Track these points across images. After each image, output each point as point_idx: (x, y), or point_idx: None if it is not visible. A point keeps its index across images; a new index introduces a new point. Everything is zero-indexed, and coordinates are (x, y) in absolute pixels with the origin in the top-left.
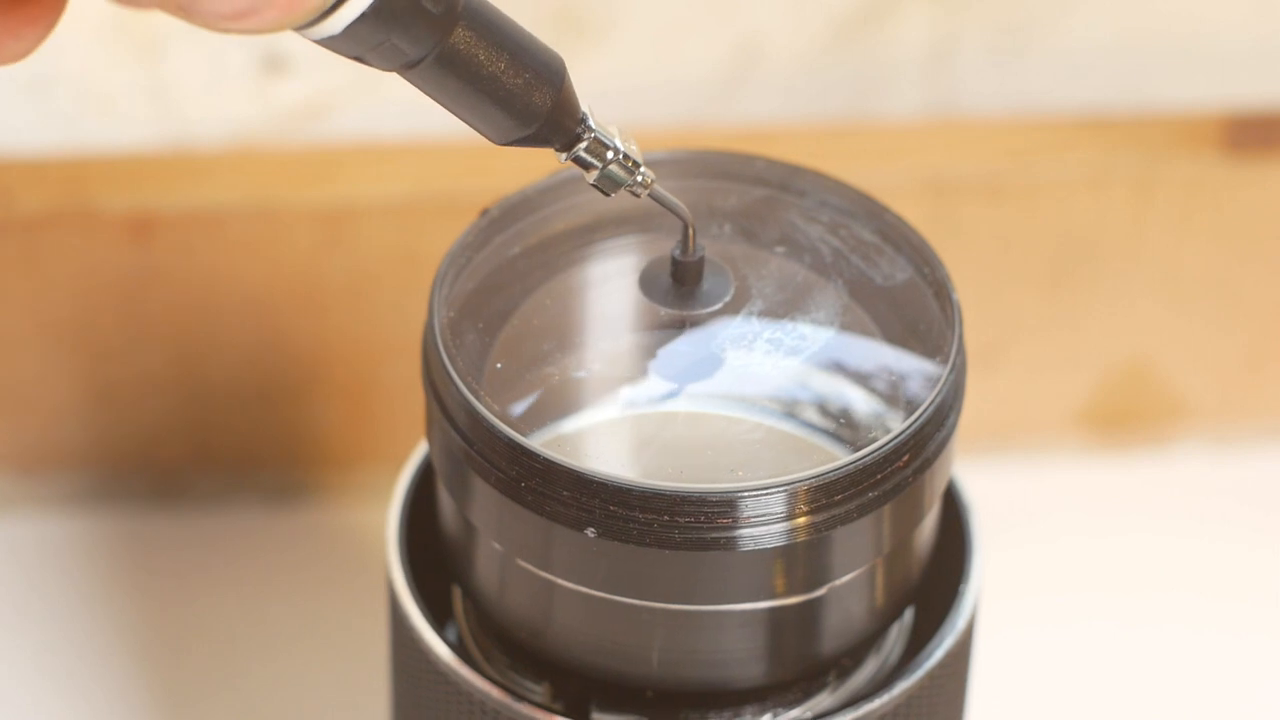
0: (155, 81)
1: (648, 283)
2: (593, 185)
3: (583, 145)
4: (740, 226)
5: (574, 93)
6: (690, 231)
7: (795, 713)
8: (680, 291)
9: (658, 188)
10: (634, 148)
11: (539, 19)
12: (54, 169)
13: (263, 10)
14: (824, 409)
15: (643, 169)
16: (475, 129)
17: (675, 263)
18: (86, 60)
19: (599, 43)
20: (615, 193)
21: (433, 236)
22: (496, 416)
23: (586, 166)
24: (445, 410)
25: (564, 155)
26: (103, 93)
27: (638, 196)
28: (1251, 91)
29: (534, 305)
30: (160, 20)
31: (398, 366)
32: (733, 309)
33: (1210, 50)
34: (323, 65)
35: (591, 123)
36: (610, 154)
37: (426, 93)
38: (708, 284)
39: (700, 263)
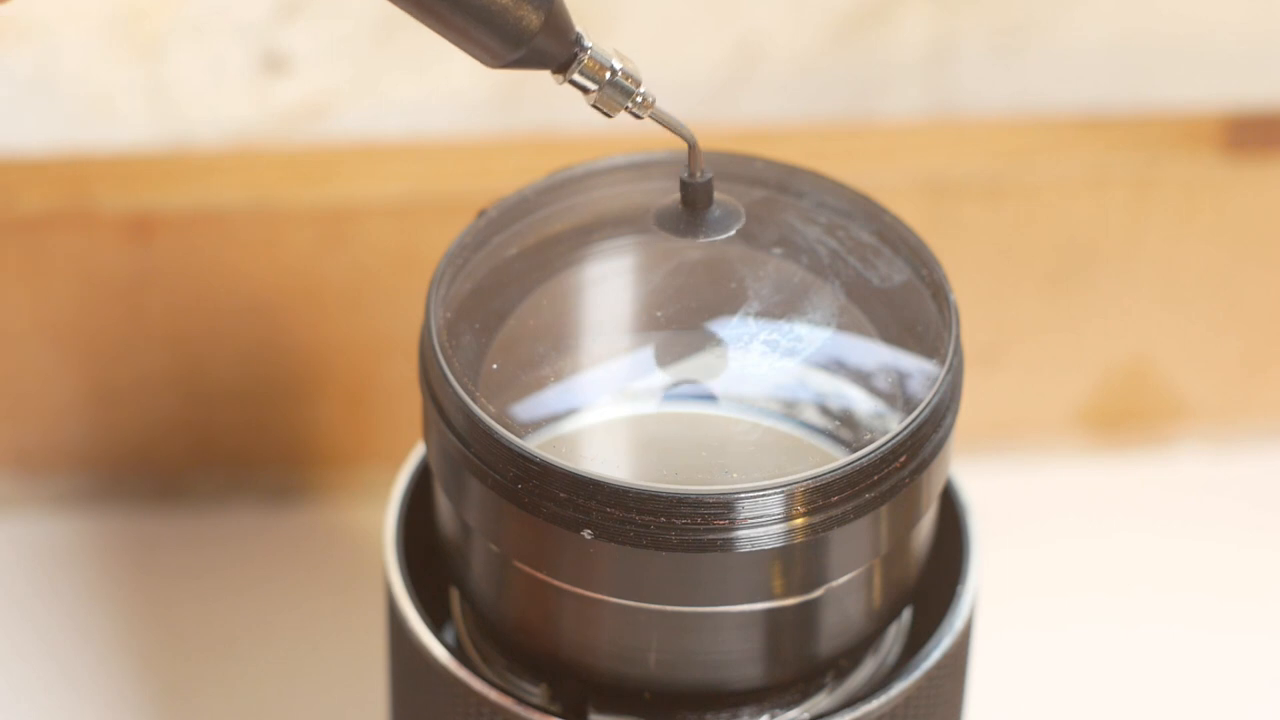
0: (155, 81)
1: (661, 217)
2: (593, 107)
3: (579, 66)
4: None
5: (566, 12)
6: (695, 152)
7: (793, 714)
8: (690, 217)
9: (659, 108)
10: (634, 67)
11: None
12: (54, 169)
13: None
14: (821, 410)
15: (643, 88)
16: (469, 53)
17: (684, 185)
18: (86, 60)
19: (599, 42)
20: (615, 114)
21: (433, 236)
22: (493, 418)
23: (584, 89)
24: (442, 412)
25: (560, 78)
26: (103, 93)
27: (639, 118)
28: (1251, 91)
29: (530, 306)
30: (160, 20)
31: (397, 366)
32: (730, 310)
33: (1210, 50)
34: (323, 65)
35: (587, 43)
36: (609, 74)
37: (415, 16)
38: (718, 211)
39: (709, 185)
